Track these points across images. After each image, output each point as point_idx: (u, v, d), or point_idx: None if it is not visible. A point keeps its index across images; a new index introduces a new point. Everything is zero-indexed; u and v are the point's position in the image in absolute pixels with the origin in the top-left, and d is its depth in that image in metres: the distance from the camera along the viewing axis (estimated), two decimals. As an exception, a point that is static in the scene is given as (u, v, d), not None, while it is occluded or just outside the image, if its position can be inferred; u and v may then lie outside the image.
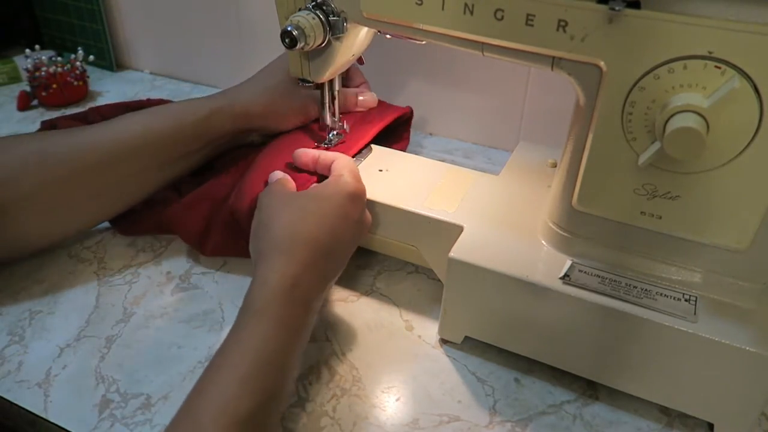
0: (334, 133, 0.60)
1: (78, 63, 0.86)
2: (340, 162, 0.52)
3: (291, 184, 0.52)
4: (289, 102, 0.61)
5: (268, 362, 0.39)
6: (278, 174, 0.53)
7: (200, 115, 0.57)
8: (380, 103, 0.67)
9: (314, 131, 0.63)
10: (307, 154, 0.55)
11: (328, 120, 0.59)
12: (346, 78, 0.66)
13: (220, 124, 0.59)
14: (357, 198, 0.49)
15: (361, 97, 0.64)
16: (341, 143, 0.60)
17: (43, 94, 0.85)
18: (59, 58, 0.87)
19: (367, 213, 0.52)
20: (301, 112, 0.62)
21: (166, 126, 0.56)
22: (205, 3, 0.85)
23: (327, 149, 0.59)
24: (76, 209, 0.55)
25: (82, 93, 0.88)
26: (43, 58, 0.85)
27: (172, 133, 0.56)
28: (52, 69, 0.84)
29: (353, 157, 0.59)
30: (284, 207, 0.47)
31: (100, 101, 0.88)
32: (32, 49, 0.90)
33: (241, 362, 0.38)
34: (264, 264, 0.43)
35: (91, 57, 0.89)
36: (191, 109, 0.58)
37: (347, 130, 0.61)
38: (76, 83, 0.86)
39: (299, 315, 0.42)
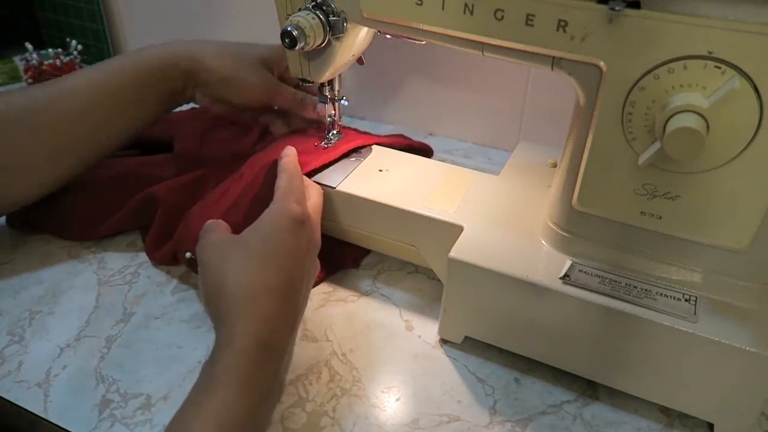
0: (334, 132, 0.60)
1: (74, 52, 0.88)
2: (280, 181, 0.48)
3: (224, 226, 0.48)
4: (254, 75, 0.60)
5: (230, 428, 0.35)
6: (210, 223, 0.48)
7: (149, 66, 0.57)
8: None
9: (314, 131, 0.63)
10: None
11: (327, 119, 0.59)
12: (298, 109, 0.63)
13: (172, 75, 0.58)
14: (298, 226, 0.45)
15: (319, 105, 0.60)
16: (341, 142, 0.60)
17: None
18: (59, 50, 0.87)
19: (316, 235, 0.48)
20: (264, 89, 0.60)
21: (112, 79, 0.56)
22: (205, 3, 0.85)
23: (326, 149, 0.59)
24: (35, 171, 0.54)
25: None
26: (47, 52, 0.86)
27: (120, 87, 0.56)
28: (57, 62, 0.85)
29: (351, 152, 0.60)
30: (227, 260, 0.43)
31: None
32: (33, 48, 0.90)
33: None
34: (224, 327, 0.40)
35: (79, 47, 0.89)
36: (139, 61, 0.57)
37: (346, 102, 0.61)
38: None
39: (268, 374, 0.39)
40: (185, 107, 0.65)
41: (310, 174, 0.56)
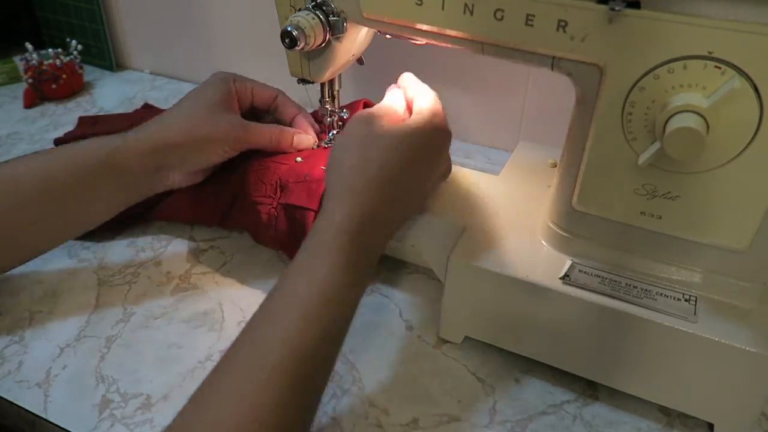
0: (334, 132, 0.60)
1: (74, 52, 0.88)
2: (422, 99, 0.49)
3: (383, 111, 0.48)
4: (209, 128, 0.53)
5: (333, 297, 0.39)
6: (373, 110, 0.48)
7: (97, 157, 0.51)
8: None
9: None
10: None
11: (328, 119, 0.59)
12: (278, 111, 0.60)
13: (125, 164, 0.51)
14: (440, 137, 0.47)
15: (296, 139, 0.58)
16: None
17: (53, 86, 0.86)
18: (59, 50, 0.88)
19: (449, 159, 0.51)
20: (225, 139, 0.54)
21: (64, 171, 0.50)
22: (205, 3, 0.85)
23: (326, 148, 0.59)
24: None
25: (82, 82, 0.91)
26: (47, 52, 0.87)
27: (70, 180, 0.50)
28: (57, 62, 0.85)
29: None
30: (361, 144, 0.44)
31: (99, 101, 0.89)
32: (33, 48, 0.90)
33: (306, 294, 0.38)
34: (333, 201, 0.43)
35: (79, 47, 0.89)
36: (89, 151, 0.51)
37: (345, 116, 0.60)
38: (80, 71, 0.89)
39: (361, 260, 0.41)
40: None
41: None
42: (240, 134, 0.54)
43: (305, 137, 0.59)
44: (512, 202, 0.53)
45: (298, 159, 0.57)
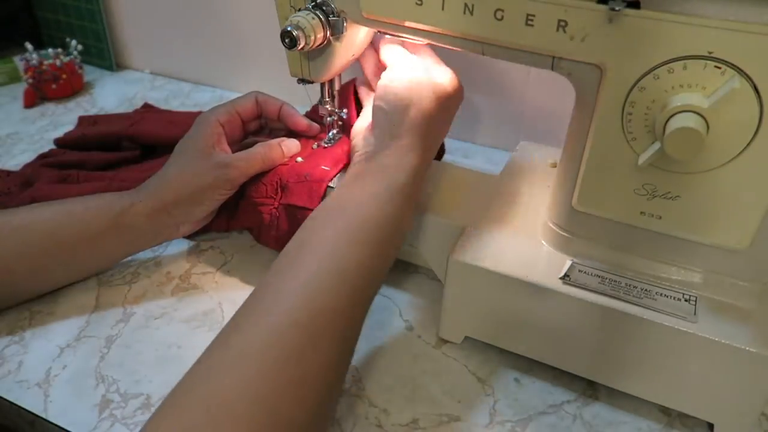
0: (334, 132, 0.60)
1: (74, 52, 0.88)
2: (440, 70, 0.53)
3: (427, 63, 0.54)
4: (198, 180, 0.53)
5: (394, 233, 0.45)
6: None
7: (107, 217, 0.52)
8: None
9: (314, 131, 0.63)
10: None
11: (328, 119, 0.59)
12: (263, 110, 0.60)
13: (134, 224, 0.53)
14: (457, 88, 0.53)
15: (284, 148, 0.57)
16: (341, 141, 0.60)
17: (53, 86, 0.86)
18: (60, 49, 0.88)
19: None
20: (215, 186, 0.54)
21: (73, 228, 0.51)
22: (205, 3, 0.85)
23: (326, 148, 0.59)
24: None
25: (82, 82, 0.91)
26: (47, 52, 0.87)
27: (77, 238, 0.52)
28: (57, 62, 0.85)
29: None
30: (435, 96, 0.50)
31: (100, 101, 0.89)
32: (33, 48, 0.90)
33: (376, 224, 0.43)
34: (404, 141, 0.48)
35: (79, 47, 0.89)
36: (100, 211, 0.52)
37: (345, 117, 0.60)
38: (80, 71, 0.89)
39: (418, 192, 0.49)
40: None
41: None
42: (227, 173, 0.54)
43: (292, 142, 0.58)
44: (512, 202, 0.53)
45: (299, 159, 0.57)
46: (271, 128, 0.64)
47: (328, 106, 0.59)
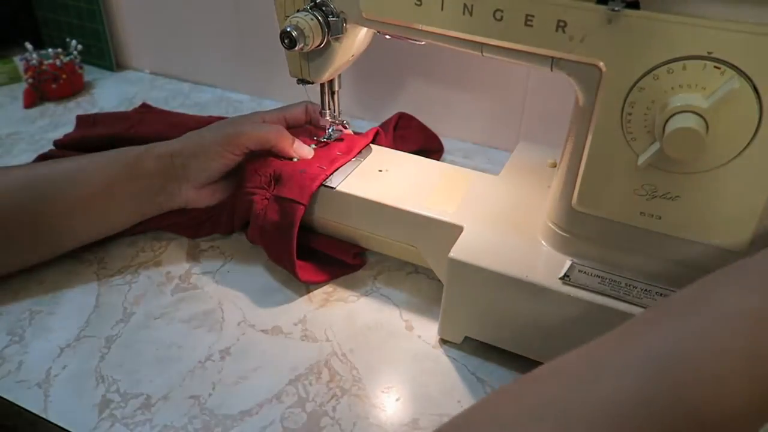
0: (333, 129, 0.61)
1: (74, 52, 0.88)
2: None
3: None
4: (208, 134, 0.58)
5: None
6: None
7: (125, 165, 0.57)
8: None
9: (313, 129, 0.63)
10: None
11: (328, 116, 0.60)
12: (313, 118, 0.63)
13: (145, 167, 0.57)
14: None
15: (296, 143, 0.59)
16: (339, 140, 0.60)
17: (53, 86, 0.86)
18: (60, 49, 0.88)
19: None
20: (225, 143, 0.57)
21: (94, 179, 0.56)
22: (205, 3, 0.85)
23: (326, 144, 0.60)
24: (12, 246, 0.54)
25: (82, 82, 0.91)
26: (47, 52, 0.87)
27: (100, 189, 0.56)
28: (57, 62, 0.85)
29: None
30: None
31: (100, 101, 0.89)
32: (33, 48, 0.90)
33: None
34: None
35: (79, 47, 0.89)
36: (120, 156, 0.57)
37: (348, 126, 0.61)
38: (80, 71, 0.89)
39: None
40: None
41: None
42: (236, 131, 0.57)
43: (305, 149, 0.59)
44: (512, 202, 0.53)
45: (295, 158, 0.58)
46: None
47: (329, 117, 0.59)
